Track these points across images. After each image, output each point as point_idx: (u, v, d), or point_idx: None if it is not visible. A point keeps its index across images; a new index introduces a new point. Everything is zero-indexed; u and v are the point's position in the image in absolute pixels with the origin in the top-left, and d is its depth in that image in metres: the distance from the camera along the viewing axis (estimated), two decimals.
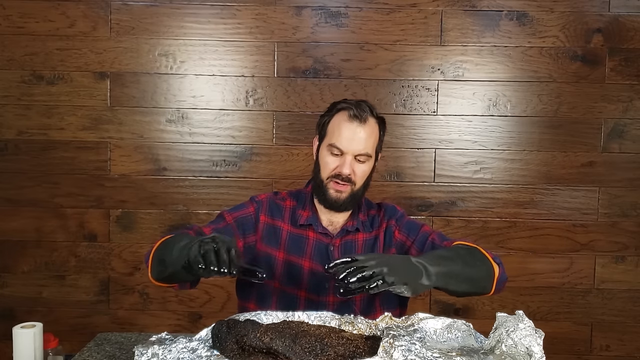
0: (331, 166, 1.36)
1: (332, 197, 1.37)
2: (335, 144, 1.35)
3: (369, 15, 2.26)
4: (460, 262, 1.20)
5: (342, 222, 1.43)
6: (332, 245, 1.41)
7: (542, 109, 2.29)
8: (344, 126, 1.35)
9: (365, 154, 1.36)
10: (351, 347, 1.00)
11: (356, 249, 1.42)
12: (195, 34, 2.27)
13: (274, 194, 1.51)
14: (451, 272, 1.17)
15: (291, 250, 1.42)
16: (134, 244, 2.31)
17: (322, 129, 1.42)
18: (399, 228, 1.43)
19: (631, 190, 2.30)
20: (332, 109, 1.41)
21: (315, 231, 1.42)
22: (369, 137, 1.36)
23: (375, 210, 1.49)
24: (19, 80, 2.27)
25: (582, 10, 2.26)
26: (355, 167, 1.36)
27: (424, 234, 1.40)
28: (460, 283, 1.20)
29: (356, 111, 1.35)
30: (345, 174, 1.34)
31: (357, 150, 1.35)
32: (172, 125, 2.29)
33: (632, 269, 2.32)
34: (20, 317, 2.28)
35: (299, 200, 1.47)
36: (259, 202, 1.46)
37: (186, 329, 2.31)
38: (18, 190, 2.29)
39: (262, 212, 1.45)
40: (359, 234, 1.43)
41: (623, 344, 2.34)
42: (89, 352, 1.36)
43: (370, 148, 1.37)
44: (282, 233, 1.43)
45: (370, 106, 1.39)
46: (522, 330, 0.93)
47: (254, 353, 0.99)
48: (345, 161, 1.35)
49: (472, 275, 1.22)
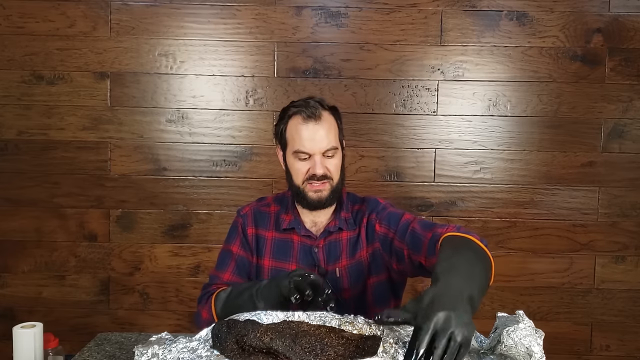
0: (303, 170, 1.37)
1: (313, 199, 1.37)
2: (300, 149, 1.35)
3: (369, 15, 2.26)
4: (478, 268, 1.07)
5: (325, 222, 1.43)
6: (316, 247, 1.41)
7: (542, 109, 2.29)
8: (302, 129, 1.34)
9: (332, 147, 1.35)
10: (351, 347, 1.00)
11: (340, 248, 1.41)
12: (195, 34, 2.27)
13: (258, 201, 1.52)
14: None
15: (277, 255, 1.43)
16: (134, 244, 2.31)
17: (281, 138, 1.41)
18: (379, 221, 1.39)
19: (631, 190, 2.30)
20: (283, 115, 1.41)
21: (298, 234, 1.43)
22: (329, 131, 1.36)
23: (359, 204, 1.47)
24: (19, 80, 2.27)
25: (582, 10, 2.26)
26: (326, 163, 1.36)
27: (405, 223, 1.34)
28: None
29: (308, 111, 1.34)
30: (319, 174, 1.35)
31: (323, 147, 1.34)
32: (172, 125, 2.29)
33: (632, 269, 2.32)
34: (20, 317, 2.28)
35: (282, 205, 1.48)
36: (244, 215, 1.49)
37: (186, 329, 2.31)
38: (18, 190, 2.29)
39: (248, 225, 1.46)
40: (343, 232, 1.42)
41: (623, 344, 2.34)
42: (89, 352, 1.36)
43: (334, 140, 1.37)
44: (266, 241, 1.45)
45: (319, 100, 1.39)
46: (522, 330, 0.93)
47: (254, 353, 0.99)
48: (315, 162, 1.35)
49: (484, 279, 1.09)
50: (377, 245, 1.40)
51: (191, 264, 2.32)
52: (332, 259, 1.41)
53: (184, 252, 2.32)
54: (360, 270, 1.40)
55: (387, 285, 1.42)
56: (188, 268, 2.32)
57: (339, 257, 1.41)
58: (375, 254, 1.40)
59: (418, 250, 1.27)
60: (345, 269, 1.40)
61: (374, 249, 1.40)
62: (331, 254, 1.41)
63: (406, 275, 1.41)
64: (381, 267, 1.40)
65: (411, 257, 1.29)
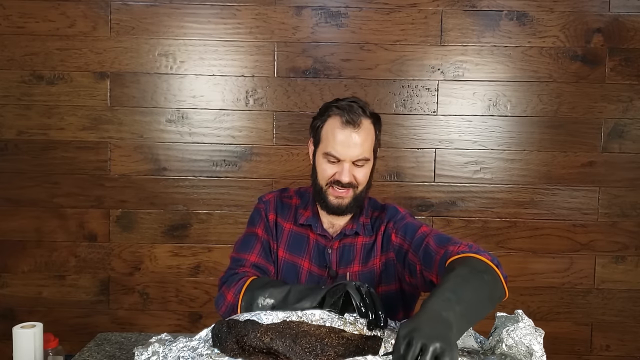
0: (329, 173, 1.33)
1: (333, 204, 1.35)
2: (331, 152, 1.31)
3: (369, 15, 2.26)
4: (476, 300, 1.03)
5: (342, 225, 1.41)
6: (329, 248, 1.39)
7: (542, 109, 2.29)
8: (338, 133, 1.30)
9: (363, 158, 1.32)
10: (351, 347, 1.00)
11: (354, 253, 1.39)
12: (195, 34, 2.27)
13: (280, 192, 1.50)
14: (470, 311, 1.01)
15: (292, 249, 1.41)
16: (134, 244, 2.31)
17: (315, 134, 1.37)
18: (395, 231, 1.36)
19: (631, 190, 2.30)
20: (324, 112, 1.36)
21: (314, 232, 1.41)
22: (365, 140, 1.31)
23: (379, 212, 1.44)
24: (19, 80, 2.27)
25: (582, 10, 2.26)
26: (354, 172, 1.32)
27: (420, 236, 1.30)
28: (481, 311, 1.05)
29: (349, 116, 1.29)
30: (345, 181, 1.31)
31: (354, 156, 1.31)
32: (172, 125, 2.29)
33: (632, 269, 2.32)
34: (20, 317, 2.28)
35: (303, 199, 1.46)
36: (266, 202, 1.46)
37: (186, 329, 2.31)
38: (18, 190, 2.29)
39: (270, 211, 1.44)
40: (359, 237, 1.40)
41: (623, 344, 2.34)
42: (89, 352, 1.36)
43: (368, 151, 1.33)
44: (284, 232, 1.43)
45: (363, 106, 1.34)
46: (522, 330, 0.93)
47: (254, 353, 0.99)
48: (344, 169, 1.31)
49: (479, 302, 1.05)
50: (392, 256, 1.37)
51: (191, 264, 2.32)
52: (344, 262, 1.39)
53: (184, 252, 2.32)
54: (371, 278, 1.37)
55: (397, 295, 1.38)
56: (188, 268, 2.32)
57: (352, 261, 1.38)
58: (389, 264, 1.37)
59: (430, 267, 1.23)
60: (356, 275, 1.37)
61: (388, 259, 1.38)
62: (344, 257, 1.39)
63: (418, 289, 1.37)
64: (393, 277, 1.37)
65: (423, 273, 1.26)
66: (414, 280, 1.30)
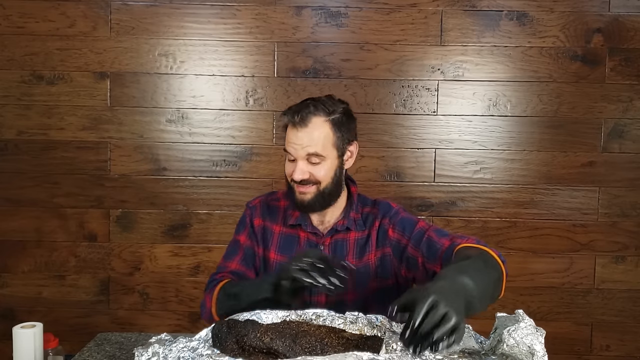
0: (289, 170, 1.37)
1: (297, 199, 1.37)
2: (287, 150, 1.35)
3: (369, 15, 2.26)
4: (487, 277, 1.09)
5: (333, 221, 1.42)
6: (322, 245, 1.41)
7: (542, 109, 2.29)
8: (289, 132, 1.34)
9: (314, 154, 1.32)
10: (351, 347, 1.00)
11: (347, 247, 1.41)
12: (195, 34, 2.27)
13: (267, 195, 1.52)
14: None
15: (283, 250, 1.43)
16: (134, 244, 2.31)
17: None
18: (392, 226, 1.39)
19: (631, 190, 2.30)
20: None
21: (305, 230, 1.43)
22: (315, 138, 1.32)
23: (370, 207, 1.45)
24: (19, 80, 2.27)
25: (582, 10, 2.26)
26: (311, 169, 1.33)
27: (420, 230, 1.35)
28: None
29: (295, 116, 1.32)
30: (297, 179, 1.33)
31: (304, 153, 1.32)
32: (172, 125, 2.29)
33: (632, 269, 2.32)
34: (20, 317, 2.28)
35: (291, 200, 1.47)
36: (252, 207, 1.50)
37: (186, 329, 2.31)
38: (18, 190, 2.29)
39: (255, 216, 1.47)
40: (351, 232, 1.41)
41: (623, 344, 2.34)
42: (89, 352, 1.36)
43: (320, 148, 1.32)
44: (273, 235, 1.45)
45: (320, 104, 1.35)
46: (524, 329, 0.93)
47: (254, 353, 0.99)
48: (297, 166, 1.33)
49: (490, 288, 1.11)
50: (388, 250, 1.39)
51: (191, 264, 2.32)
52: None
53: (184, 252, 2.32)
54: (367, 273, 1.39)
55: (393, 290, 1.41)
56: (188, 268, 2.32)
57: (345, 256, 1.40)
58: (385, 259, 1.39)
59: (434, 258, 1.27)
60: None
61: (384, 254, 1.39)
62: (337, 253, 1.40)
63: (413, 282, 1.40)
64: (389, 272, 1.39)
65: (426, 265, 1.30)
66: (412, 273, 1.35)
